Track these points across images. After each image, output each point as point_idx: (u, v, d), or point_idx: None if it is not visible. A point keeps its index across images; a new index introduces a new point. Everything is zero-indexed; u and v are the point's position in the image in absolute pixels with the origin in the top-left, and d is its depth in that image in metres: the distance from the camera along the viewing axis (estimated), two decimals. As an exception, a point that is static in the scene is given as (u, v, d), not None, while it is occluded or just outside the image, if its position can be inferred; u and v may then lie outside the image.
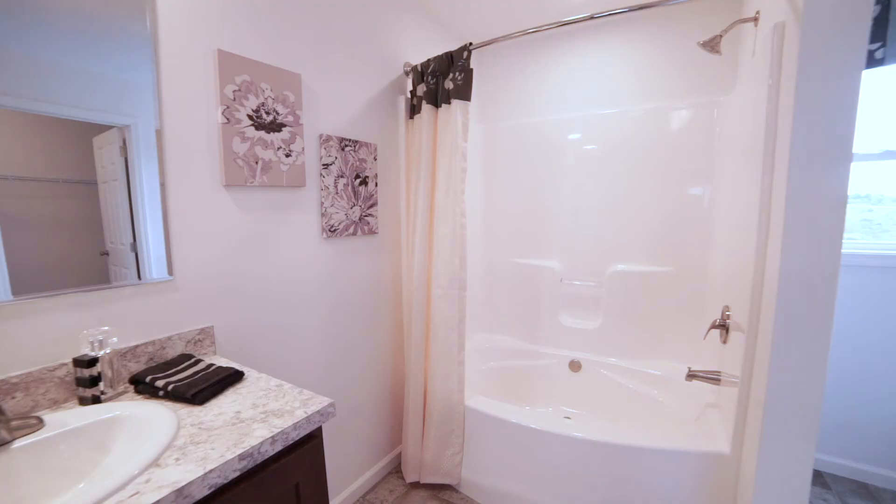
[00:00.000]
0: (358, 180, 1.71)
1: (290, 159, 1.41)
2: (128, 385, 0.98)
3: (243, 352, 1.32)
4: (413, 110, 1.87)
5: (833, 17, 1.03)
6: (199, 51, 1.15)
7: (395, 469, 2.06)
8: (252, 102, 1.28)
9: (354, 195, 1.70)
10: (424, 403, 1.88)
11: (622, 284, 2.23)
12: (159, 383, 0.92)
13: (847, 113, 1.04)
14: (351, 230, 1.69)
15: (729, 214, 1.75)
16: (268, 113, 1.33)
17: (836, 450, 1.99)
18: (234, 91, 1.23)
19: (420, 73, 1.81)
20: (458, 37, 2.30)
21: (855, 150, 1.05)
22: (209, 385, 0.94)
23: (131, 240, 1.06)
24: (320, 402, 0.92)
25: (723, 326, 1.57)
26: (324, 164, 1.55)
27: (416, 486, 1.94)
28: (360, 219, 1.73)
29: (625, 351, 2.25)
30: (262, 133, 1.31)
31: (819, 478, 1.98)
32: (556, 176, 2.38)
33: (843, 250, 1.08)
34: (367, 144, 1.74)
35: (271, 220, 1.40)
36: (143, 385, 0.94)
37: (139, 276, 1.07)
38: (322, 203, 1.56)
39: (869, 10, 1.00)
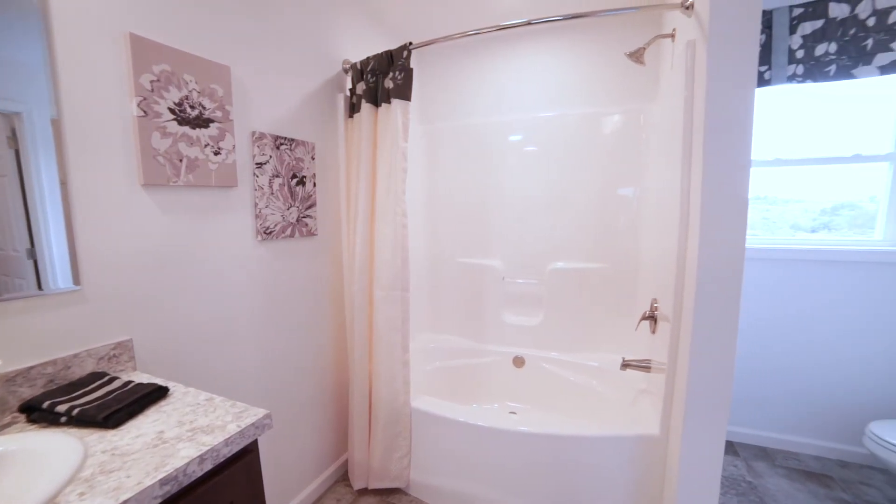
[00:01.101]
0: (295, 180, 1.63)
1: (219, 157, 1.31)
2: (17, 414, 0.85)
3: (169, 365, 1.21)
4: (352, 109, 1.82)
5: (731, 38, 1.16)
6: (105, 32, 1.03)
7: (342, 477, 2.00)
8: (174, 95, 1.17)
9: (291, 196, 1.62)
10: (370, 407, 1.84)
11: (561, 281, 2.34)
12: (61, 408, 0.81)
13: (745, 123, 1.17)
14: (288, 232, 1.61)
15: (655, 214, 1.90)
16: (192, 107, 1.22)
17: (742, 420, 2.26)
18: (152, 81, 1.12)
19: (359, 71, 1.77)
20: (399, 35, 2.28)
21: (753, 157, 1.18)
22: (125, 405, 0.84)
23: (28, 245, 0.93)
24: (255, 413, 0.86)
25: (652, 318, 1.69)
26: (257, 163, 1.47)
27: (365, 492, 1.89)
28: (297, 220, 1.65)
29: (565, 345, 2.36)
30: (186, 128, 1.21)
31: (731, 447, 2.23)
32: (497, 176, 2.44)
33: (747, 245, 1.21)
34: (304, 143, 1.67)
35: (199, 223, 1.29)
36: (39, 412, 0.82)
37: (39, 287, 0.94)
38: (256, 204, 1.47)
39: (757, 35, 1.14)
